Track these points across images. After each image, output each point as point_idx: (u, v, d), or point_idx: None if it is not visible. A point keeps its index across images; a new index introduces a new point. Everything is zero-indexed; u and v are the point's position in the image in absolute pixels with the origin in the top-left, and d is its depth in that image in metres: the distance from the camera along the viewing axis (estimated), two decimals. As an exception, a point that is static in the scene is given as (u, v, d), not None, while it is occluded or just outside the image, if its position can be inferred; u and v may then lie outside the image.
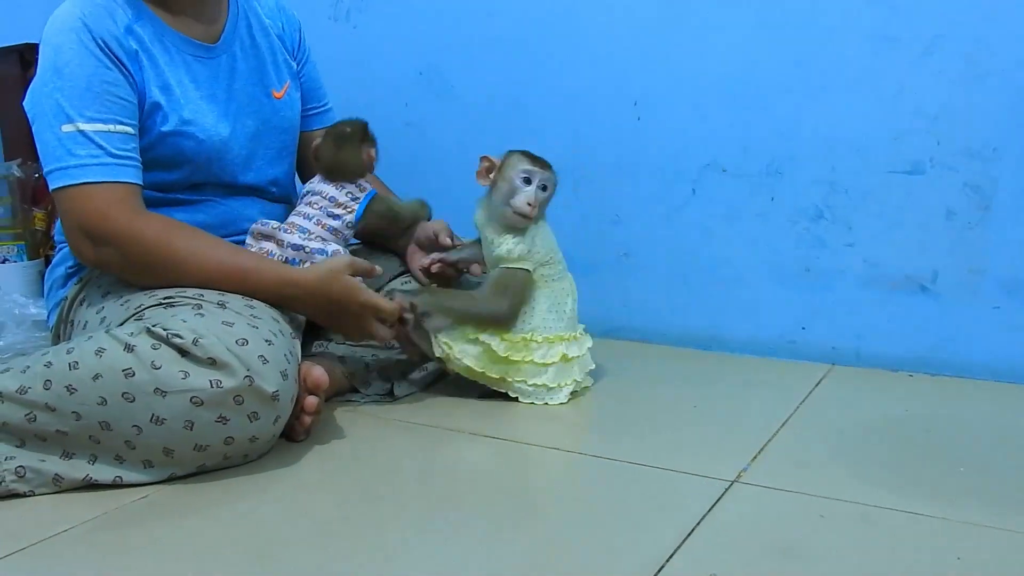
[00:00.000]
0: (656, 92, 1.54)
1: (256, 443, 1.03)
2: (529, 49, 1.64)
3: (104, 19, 1.15)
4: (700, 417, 1.21)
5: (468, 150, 1.71)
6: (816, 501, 0.93)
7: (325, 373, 1.11)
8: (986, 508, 0.91)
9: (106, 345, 0.99)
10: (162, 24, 1.21)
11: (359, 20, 1.82)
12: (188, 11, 1.23)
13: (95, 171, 1.11)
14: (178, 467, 1.01)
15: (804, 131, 1.43)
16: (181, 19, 1.23)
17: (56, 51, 1.14)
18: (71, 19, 1.14)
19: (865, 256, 1.41)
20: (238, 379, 0.97)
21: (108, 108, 1.13)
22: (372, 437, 1.16)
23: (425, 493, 1.01)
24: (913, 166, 1.37)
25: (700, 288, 1.55)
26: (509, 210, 1.23)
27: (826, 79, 1.40)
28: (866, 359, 1.43)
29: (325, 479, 1.03)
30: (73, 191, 1.12)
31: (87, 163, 1.11)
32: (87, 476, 1.00)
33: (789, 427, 1.15)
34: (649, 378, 1.40)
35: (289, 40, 1.38)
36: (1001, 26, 1.29)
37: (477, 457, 1.10)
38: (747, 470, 1.01)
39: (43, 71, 1.14)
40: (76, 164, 1.11)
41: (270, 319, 1.08)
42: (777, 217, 1.47)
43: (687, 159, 1.53)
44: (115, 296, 1.16)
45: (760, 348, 1.50)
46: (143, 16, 1.19)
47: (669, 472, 1.01)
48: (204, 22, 1.25)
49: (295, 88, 1.37)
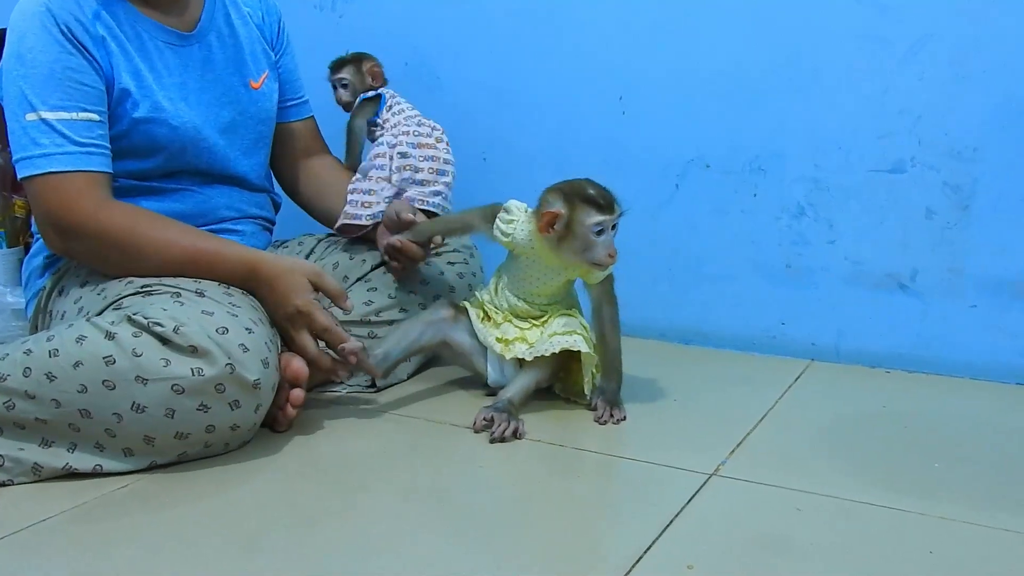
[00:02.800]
0: (642, 87, 1.54)
1: (237, 431, 1.03)
2: (515, 41, 1.64)
3: (69, 4, 1.13)
4: (681, 411, 1.22)
5: (454, 141, 1.71)
6: (793, 495, 0.94)
7: (305, 365, 1.11)
8: (960, 503, 0.92)
9: (87, 333, 0.99)
10: (134, 11, 1.19)
11: (345, 9, 1.81)
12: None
13: (59, 160, 1.10)
14: (159, 455, 1.01)
15: (789, 129, 1.44)
16: (154, 5, 1.21)
17: (20, 38, 1.12)
18: (35, 5, 1.12)
19: (846, 253, 1.43)
20: (219, 367, 0.97)
21: (71, 95, 1.11)
22: (354, 428, 1.16)
23: (407, 484, 1.01)
24: (895, 165, 1.38)
25: (684, 283, 1.56)
26: (588, 262, 1.14)
27: (812, 77, 1.41)
28: (845, 355, 1.44)
29: (307, 469, 1.03)
30: (39, 181, 1.11)
31: (51, 152, 1.10)
32: (67, 465, 0.99)
33: (768, 421, 1.16)
34: (632, 372, 1.40)
35: (268, 30, 1.37)
36: (986, 29, 1.30)
37: (459, 448, 1.10)
38: (726, 463, 1.02)
39: (7, 58, 1.13)
40: (40, 154, 1.10)
41: (249, 307, 1.08)
42: (760, 214, 1.48)
43: (672, 154, 1.53)
44: (93, 286, 1.15)
45: (742, 343, 1.51)
46: (113, 2, 1.18)
47: (649, 465, 1.02)
48: (179, 9, 1.24)
49: (273, 79, 1.36)
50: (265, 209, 1.39)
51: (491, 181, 1.69)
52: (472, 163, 1.70)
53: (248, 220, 1.33)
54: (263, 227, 1.38)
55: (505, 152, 1.68)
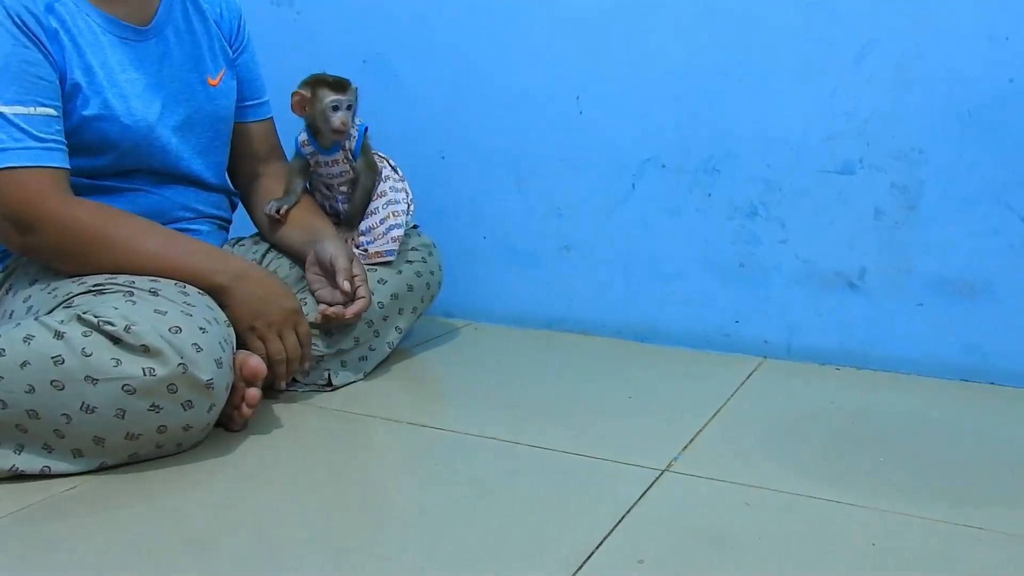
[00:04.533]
0: (599, 87, 1.56)
1: (190, 432, 1.02)
2: (474, 39, 1.64)
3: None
4: (634, 407, 1.23)
5: (412, 139, 1.72)
6: (743, 490, 0.96)
7: (262, 362, 1.10)
8: (902, 496, 0.95)
9: (35, 332, 0.97)
10: (87, 4, 1.17)
11: (302, 5, 1.79)
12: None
13: (19, 155, 1.08)
14: (109, 456, 0.99)
15: (741, 129, 1.47)
16: None
17: None
18: None
19: (797, 252, 1.46)
20: (171, 367, 0.96)
21: (28, 89, 1.09)
22: (310, 427, 1.15)
23: (363, 484, 1.01)
24: (844, 166, 1.41)
25: (639, 281, 1.58)
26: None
27: (763, 79, 1.44)
28: (797, 353, 1.47)
29: (262, 470, 1.03)
30: None
31: (10, 147, 1.08)
32: (13, 466, 0.97)
33: (720, 418, 1.19)
34: (587, 369, 1.42)
35: (227, 26, 1.35)
36: (931, 34, 1.33)
37: (413, 447, 1.11)
38: (678, 459, 1.04)
39: None
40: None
41: (204, 306, 1.07)
42: (714, 213, 1.50)
43: (628, 154, 1.55)
44: (42, 284, 1.13)
45: (696, 341, 1.54)
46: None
47: (602, 461, 1.04)
48: (134, 3, 1.22)
49: (231, 76, 1.34)
50: (222, 209, 1.37)
51: (449, 179, 1.70)
52: (430, 161, 1.71)
53: (204, 219, 1.32)
54: (219, 226, 1.36)
55: (463, 150, 1.69)
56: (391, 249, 1.38)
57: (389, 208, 1.39)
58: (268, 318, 1.15)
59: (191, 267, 1.12)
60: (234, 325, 1.11)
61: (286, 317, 1.17)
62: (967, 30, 1.31)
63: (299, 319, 1.18)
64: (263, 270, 1.21)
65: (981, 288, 1.36)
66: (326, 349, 1.28)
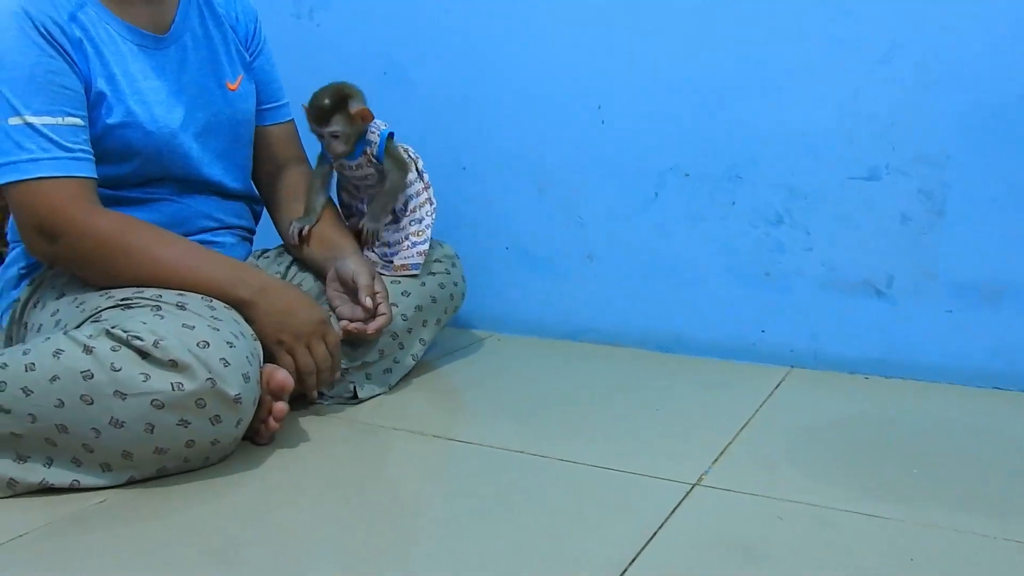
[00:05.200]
0: (621, 95, 1.55)
1: (218, 446, 1.02)
2: (493, 50, 1.64)
3: (45, 6, 1.12)
4: (662, 420, 1.22)
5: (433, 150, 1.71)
6: (776, 503, 0.95)
7: (289, 376, 1.10)
8: (938, 509, 0.93)
9: (64, 347, 0.97)
10: (108, 12, 1.18)
11: (322, 17, 1.80)
12: (134, 0, 1.21)
13: (47, 165, 1.09)
14: (137, 470, 1.00)
15: (764, 136, 1.45)
16: (128, 8, 1.20)
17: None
18: (11, 7, 1.10)
19: (823, 260, 1.44)
20: (200, 382, 0.96)
21: (55, 99, 1.10)
22: (336, 440, 1.15)
23: (389, 497, 1.01)
24: (869, 171, 1.40)
25: (662, 291, 1.57)
26: None
27: (784, 84, 1.43)
28: (823, 361, 1.46)
29: (289, 483, 1.02)
30: (25, 186, 1.09)
31: (38, 157, 1.09)
32: (43, 480, 0.98)
33: (749, 429, 1.17)
34: (612, 381, 1.41)
35: (243, 30, 1.35)
36: (954, 35, 1.32)
37: (440, 460, 1.10)
38: (709, 473, 1.03)
39: None
40: (27, 159, 1.09)
41: (231, 320, 1.07)
42: (738, 220, 1.49)
43: (650, 162, 1.54)
44: (70, 298, 1.14)
45: (721, 350, 1.52)
46: (87, 3, 1.16)
47: (632, 475, 1.03)
48: (152, 11, 1.23)
49: (249, 80, 1.35)
50: (244, 218, 1.37)
51: (470, 190, 1.70)
52: (451, 172, 1.71)
53: (227, 231, 1.32)
54: (243, 238, 1.36)
55: (484, 161, 1.68)
56: (416, 263, 1.37)
57: (414, 226, 1.38)
58: (295, 330, 1.15)
59: (214, 281, 1.12)
60: (261, 339, 1.11)
61: (313, 328, 1.16)
62: (990, 31, 1.30)
63: (326, 329, 1.18)
64: (286, 283, 1.22)
65: (1011, 293, 1.34)
66: (351, 362, 1.27)
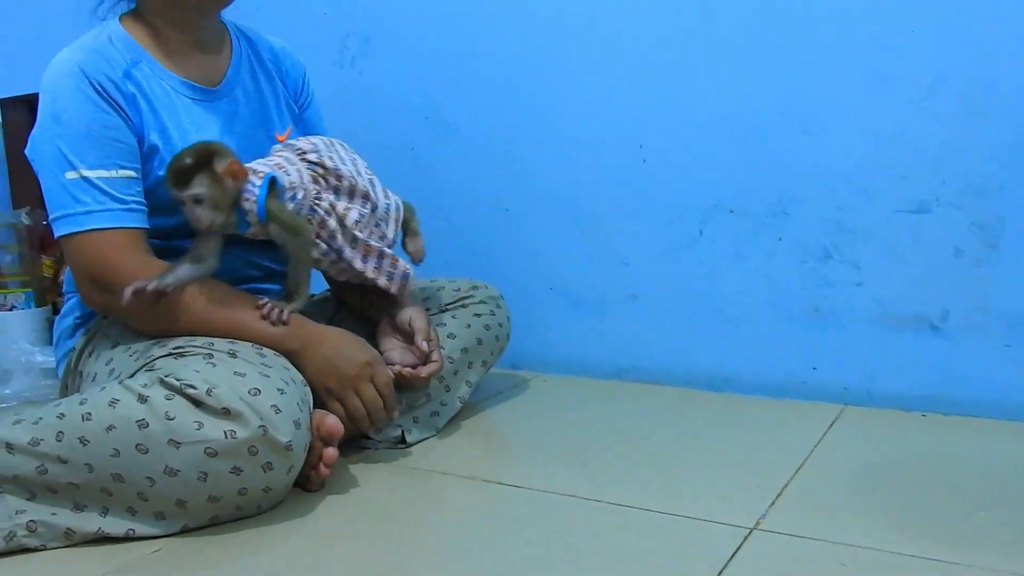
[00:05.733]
0: (662, 134, 1.55)
1: (270, 493, 1.02)
2: (532, 93, 1.66)
3: (101, 64, 1.16)
4: (714, 461, 1.20)
5: (475, 191, 1.73)
6: (838, 548, 0.92)
7: (339, 422, 1.10)
8: (1008, 553, 0.90)
9: (119, 396, 0.99)
10: (161, 68, 1.22)
11: (364, 66, 1.84)
12: (188, 55, 1.25)
13: (101, 217, 1.12)
14: (191, 519, 1.00)
15: (809, 171, 1.44)
16: (181, 62, 1.24)
17: (54, 98, 1.14)
18: (68, 65, 1.15)
19: (874, 295, 1.42)
20: (252, 429, 0.97)
21: (109, 153, 1.13)
22: (386, 486, 1.15)
23: (442, 544, 1.00)
24: (919, 205, 1.38)
25: (709, 329, 1.55)
26: None
27: (828, 119, 1.42)
28: (878, 399, 1.42)
29: (339, 529, 1.02)
30: (80, 238, 1.12)
31: (93, 210, 1.11)
32: (99, 529, 0.98)
33: (805, 470, 1.14)
34: (660, 421, 1.39)
35: (291, 84, 1.38)
36: (1000, 67, 1.30)
37: (492, 505, 1.09)
38: (766, 516, 1.00)
39: (43, 118, 1.15)
40: (83, 211, 1.12)
41: (281, 367, 1.08)
42: (785, 257, 1.48)
43: (694, 200, 1.54)
44: (124, 347, 1.16)
45: (770, 389, 1.50)
46: (142, 60, 1.20)
47: (687, 519, 1.00)
48: (205, 65, 1.26)
49: (297, 132, 1.37)
50: None
51: (512, 231, 1.70)
52: (494, 214, 1.72)
53: (274, 278, 1.34)
54: (289, 284, 1.38)
55: (526, 202, 1.69)
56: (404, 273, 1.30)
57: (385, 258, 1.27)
58: (340, 375, 1.16)
59: (261, 331, 1.13)
60: (310, 386, 1.12)
61: (359, 371, 1.17)
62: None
63: (374, 370, 1.18)
64: (333, 328, 1.22)
65: (1071, 327, 1.30)
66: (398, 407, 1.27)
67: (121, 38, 1.20)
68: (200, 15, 1.24)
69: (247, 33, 1.36)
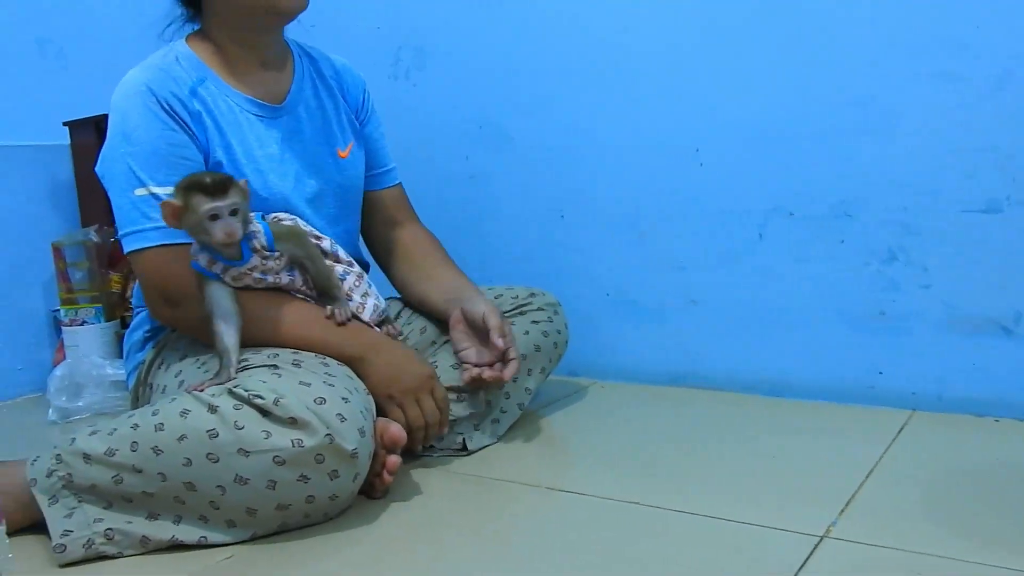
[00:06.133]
0: (718, 138, 1.54)
1: (336, 501, 1.03)
2: (586, 99, 1.66)
3: (168, 82, 1.19)
4: (779, 468, 1.18)
5: (531, 199, 1.74)
6: (913, 557, 0.90)
7: (402, 429, 1.11)
8: (1096, 563, 0.87)
9: (190, 406, 1.01)
10: (226, 86, 1.25)
11: (418, 78, 1.86)
12: (253, 73, 1.27)
13: (170, 233, 1.14)
14: (260, 526, 1.02)
15: (872, 172, 1.41)
16: (245, 80, 1.27)
17: (123, 117, 1.18)
18: (136, 84, 1.18)
19: (943, 298, 1.38)
20: (319, 438, 0.98)
21: (177, 170, 1.16)
22: (449, 493, 1.15)
23: (506, 551, 1.00)
24: (988, 204, 1.34)
25: (769, 334, 1.53)
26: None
27: (891, 119, 1.39)
28: (949, 404, 1.38)
29: (405, 537, 1.03)
30: (149, 253, 1.16)
31: (162, 226, 1.14)
32: (173, 537, 1.01)
33: (875, 477, 1.12)
34: (722, 427, 1.38)
35: (352, 100, 1.41)
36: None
37: (555, 512, 1.09)
38: (836, 524, 0.98)
39: (112, 137, 1.19)
40: (152, 227, 1.15)
41: (345, 376, 1.09)
42: (848, 260, 1.45)
43: (752, 203, 1.52)
44: (192, 359, 1.19)
45: (835, 394, 1.47)
46: (207, 78, 1.23)
47: (753, 527, 0.99)
48: (269, 83, 1.29)
49: (359, 147, 1.39)
50: None
51: (569, 238, 1.70)
52: (550, 221, 1.72)
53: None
54: (350, 297, 1.40)
55: (582, 208, 1.69)
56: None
57: None
58: (404, 385, 1.17)
59: (325, 340, 1.15)
60: (372, 394, 1.13)
61: (421, 383, 1.18)
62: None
63: (435, 384, 1.20)
64: (393, 341, 1.24)
65: None
66: (460, 412, 1.28)
67: (187, 57, 1.24)
68: (265, 31, 1.27)
69: (309, 51, 1.39)
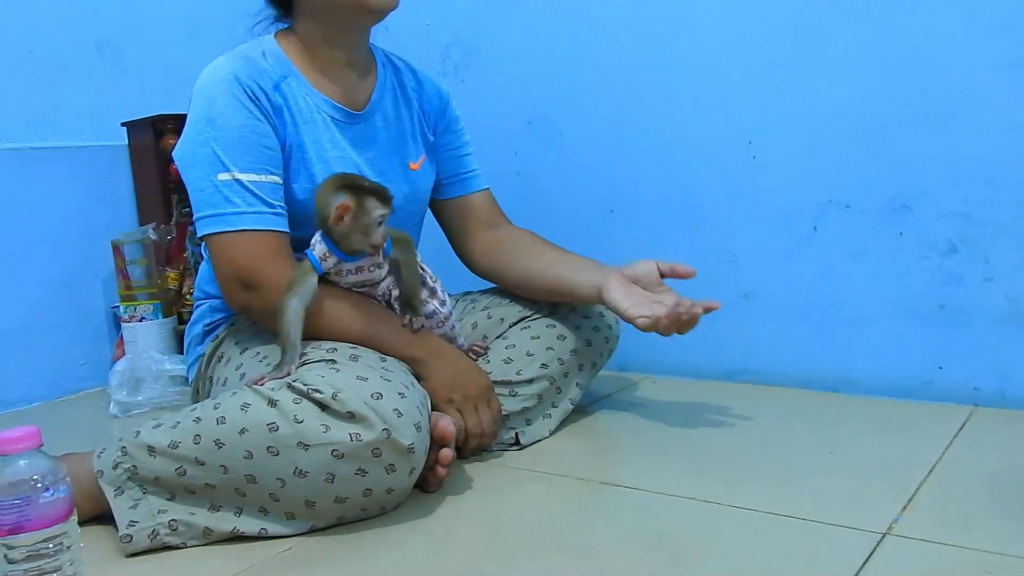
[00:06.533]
0: (771, 130, 1.52)
1: (392, 495, 1.04)
2: (637, 93, 1.65)
3: (253, 73, 1.21)
4: (839, 464, 1.16)
5: (581, 193, 1.73)
6: (980, 556, 0.88)
7: (452, 424, 1.12)
8: None
9: (250, 400, 1.03)
10: (308, 85, 1.26)
11: (467, 74, 1.86)
12: (336, 75, 1.29)
13: (252, 219, 1.16)
14: (319, 519, 1.03)
15: (931, 163, 1.38)
16: (328, 82, 1.28)
17: (209, 102, 1.19)
18: (223, 72, 1.20)
19: (1006, 291, 1.34)
20: (376, 432, 0.99)
21: (259, 158, 1.18)
22: (502, 487, 1.16)
23: (563, 546, 1.00)
24: (1053, 195, 1.30)
25: (825, 329, 1.51)
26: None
27: (949, 109, 1.36)
28: (1012, 400, 1.35)
29: (461, 531, 1.04)
30: (229, 237, 1.17)
31: (244, 211, 1.16)
32: (234, 528, 1.03)
33: (938, 473, 1.10)
34: (776, 423, 1.36)
35: (430, 111, 1.40)
36: None
37: (610, 507, 1.09)
38: (898, 521, 0.97)
39: (196, 121, 1.19)
40: (233, 211, 1.16)
41: (401, 372, 1.11)
42: (906, 253, 1.42)
43: (806, 196, 1.50)
44: (252, 352, 1.21)
45: (893, 390, 1.44)
46: (290, 75, 1.25)
47: (813, 523, 0.98)
48: (351, 88, 1.30)
49: (430, 161, 1.39)
50: None
51: (619, 233, 1.70)
52: (600, 215, 1.71)
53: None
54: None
55: (632, 203, 1.68)
56: None
57: None
58: (465, 391, 1.19)
59: (389, 341, 1.17)
60: (432, 397, 1.15)
61: (480, 392, 1.20)
62: None
63: (492, 395, 1.22)
64: (455, 349, 1.25)
65: None
66: (513, 407, 1.29)
67: (273, 53, 1.26)
68: (352, 31, 1.28)
69: (394, 61, 1.40)
